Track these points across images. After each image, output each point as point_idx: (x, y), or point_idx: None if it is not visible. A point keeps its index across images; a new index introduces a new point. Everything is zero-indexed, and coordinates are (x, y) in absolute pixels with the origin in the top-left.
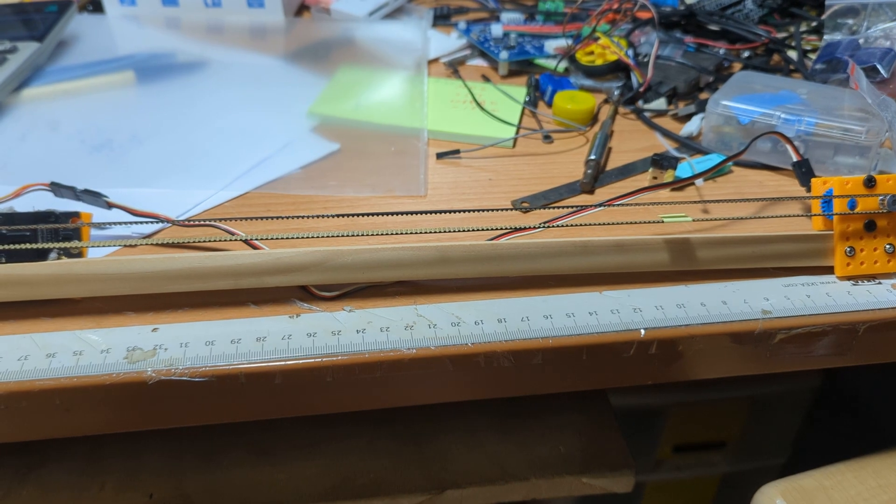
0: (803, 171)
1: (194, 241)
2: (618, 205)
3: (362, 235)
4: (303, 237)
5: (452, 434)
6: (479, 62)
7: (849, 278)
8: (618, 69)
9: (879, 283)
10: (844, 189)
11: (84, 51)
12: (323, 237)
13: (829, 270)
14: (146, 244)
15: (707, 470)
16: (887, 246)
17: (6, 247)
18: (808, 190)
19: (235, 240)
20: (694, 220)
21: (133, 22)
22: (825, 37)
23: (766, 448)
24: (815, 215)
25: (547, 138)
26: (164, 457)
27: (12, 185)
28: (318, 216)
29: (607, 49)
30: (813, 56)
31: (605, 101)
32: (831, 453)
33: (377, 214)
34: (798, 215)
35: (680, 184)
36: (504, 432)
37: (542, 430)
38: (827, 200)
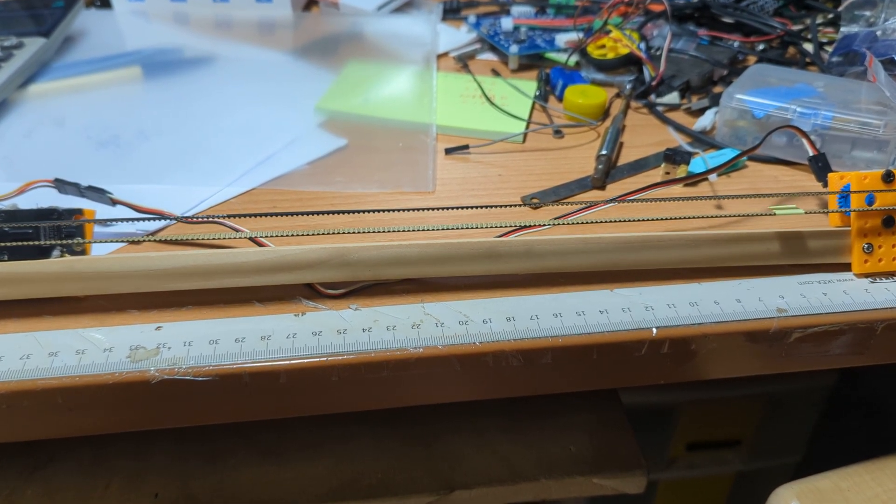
0: (820, 166)
1: (199, 239)
2: (629, 201)
3: (369, 232)
4: (309, 234)
5: (461, 434)
6: (489, 56)
7: (867, 276)
8: (630, 63)
9: None
10: (862, 184)
11: (91, 46)
12: (329, 234)
13: (846, 267)
14: (150, 241)
15: (721, 468)
16: None
17: (8, 244)
18: (825, 185)
19: (241, 237)
20: (708, 217)
21: (140, 17)
22: (842, 29)
23: (781, 446)
24: (831, 211)
25: (557, 133)
26: (169, 457)
27: (18, 182)
28: (324, 213)
29: (619, 42)
30: (829, 49)
31: (617, 96)
32: (847, 452)
33: (384, 211)
34: (814, 211)
35: (693, 179)
36: (513, 432)
37: (552, 430)
38: (844, 196)
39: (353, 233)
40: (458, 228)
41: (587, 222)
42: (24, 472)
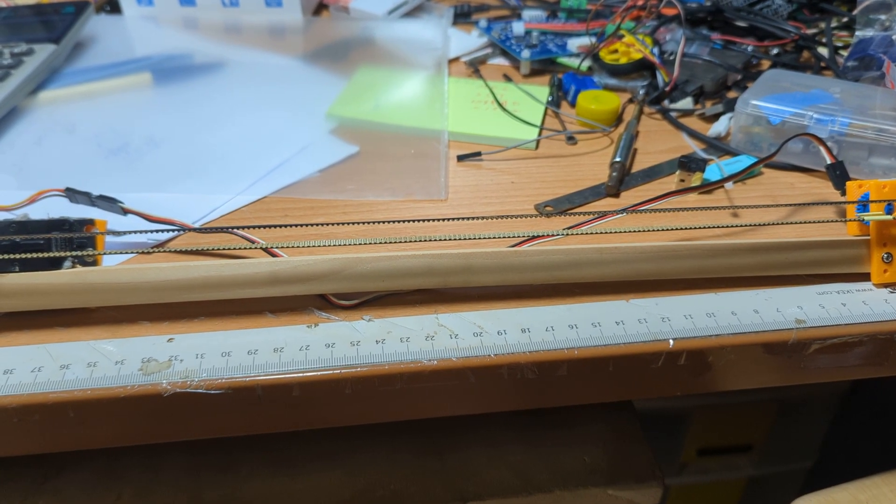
0: (838, 174)
1: (211, 249)
2: (642, 211)
3: (382, 243)
4: (321, 245)
5: (474, 445)
6: (501, 61)
7: (886, 285)
8: (643, 68)
9: None
10: (881, 193)
11: (101, 52)
12: (342, 245)
13: (865, 277)
14: (162, 252)
15: (732, 473)
16: None
17: (20, 256)
18: (843, 193)
19: (255, 248)
20: (724, 227)
21: (150, 22)
22: (857, 33)
23: (793, 452)
24: (850, 220)
25: (570, 140)
26: (181, 468)
27: (28, 190)
28: (337, 224)
29: (632, 47)
30: (844, 53)
31: (630, 101)
32: (860, 459)
33: (396, 222)
34: (833, 220)
35: (708, 188)
36: (527, 443)
37: (566, 441)
38: (863, 204)
39: (366, 243)
40: (471, 239)
41: (601, 232)
42: (35, 483)
